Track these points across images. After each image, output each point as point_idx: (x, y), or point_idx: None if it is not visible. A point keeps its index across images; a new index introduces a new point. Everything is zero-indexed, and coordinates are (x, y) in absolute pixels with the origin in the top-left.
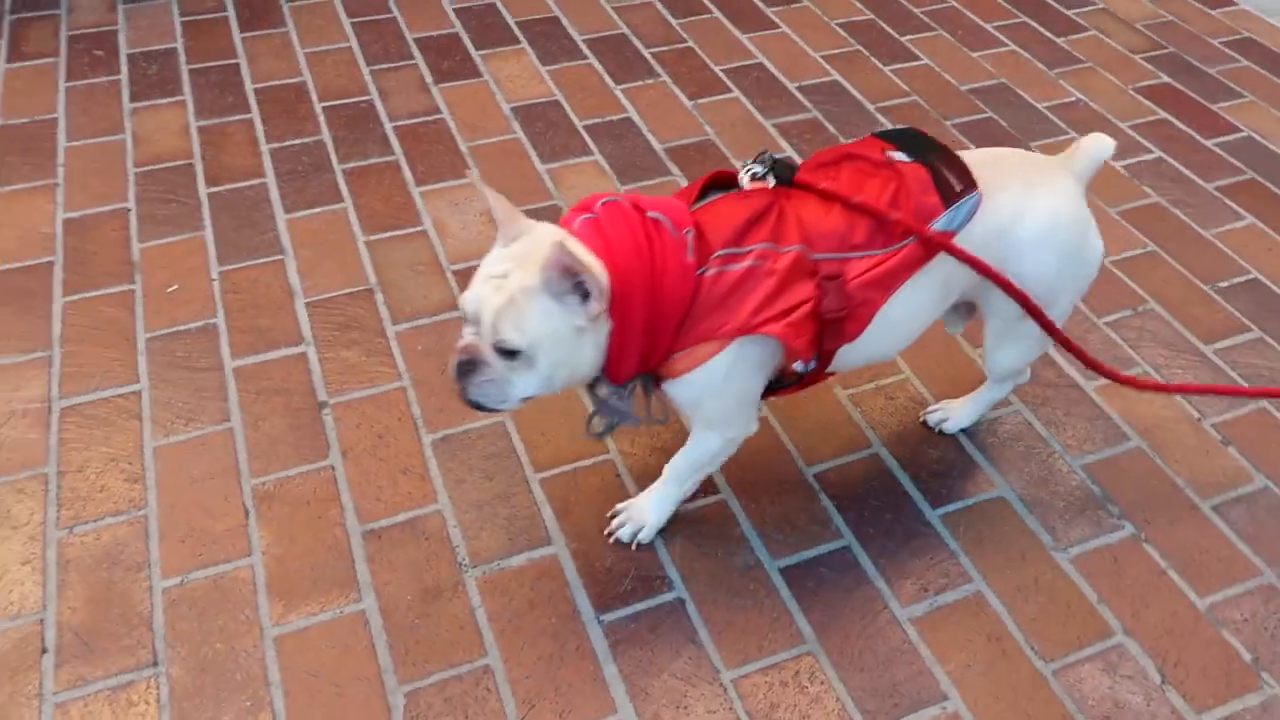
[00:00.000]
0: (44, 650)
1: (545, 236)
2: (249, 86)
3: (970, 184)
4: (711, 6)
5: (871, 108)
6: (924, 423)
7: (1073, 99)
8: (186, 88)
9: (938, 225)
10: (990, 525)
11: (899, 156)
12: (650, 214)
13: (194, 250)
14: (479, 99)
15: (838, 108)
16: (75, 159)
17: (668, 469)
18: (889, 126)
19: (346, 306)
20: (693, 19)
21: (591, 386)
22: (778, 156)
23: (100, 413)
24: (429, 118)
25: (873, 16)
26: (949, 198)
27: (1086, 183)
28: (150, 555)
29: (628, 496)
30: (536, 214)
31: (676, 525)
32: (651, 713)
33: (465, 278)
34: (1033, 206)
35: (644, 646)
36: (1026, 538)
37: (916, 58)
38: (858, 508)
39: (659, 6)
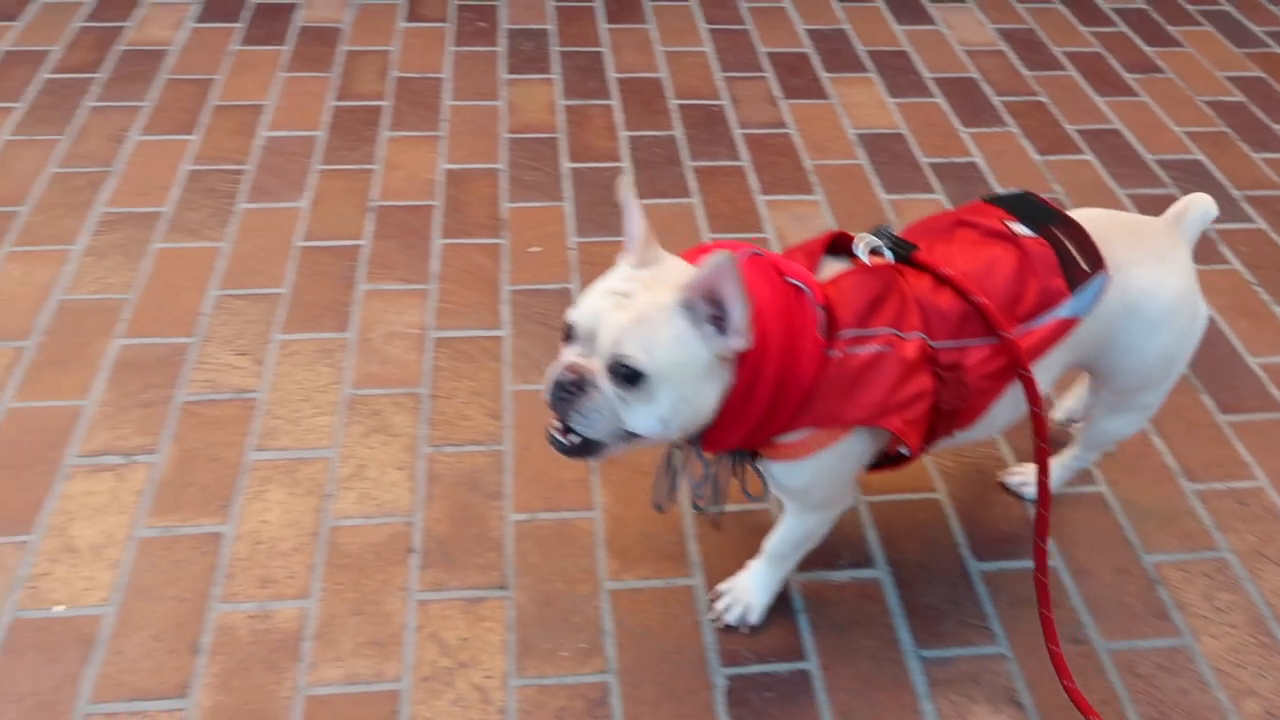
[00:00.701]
0: (410, 550)
1: (680, 267)
2: (611, 75)
3: (1098, 262)
4: (1066, 63)
5: (1236, 194)
6: (1003, 484)
7: None
8: (556, 67)
9: (1063, 311)
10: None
11: (1019, 229)
12: (790, 279)
13: (554, 218)
14: (825, 120)
15: (1199, 189)
16: (457, 117)
17: (767, 550)
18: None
19: None
20: (1046, 73)
21: (668, 457)
22: (894, 232)
23: (467, 349)
24: (776, 130)
25: (1244, 98)
26: (1075, 279)
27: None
28: (504, 488)
29: (953, 539)
30: None
31: (1005, 578)
32: None
33: None
34: (1164, 283)
35: (963, 693)
36: None
37: None
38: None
39: (1011, 56)
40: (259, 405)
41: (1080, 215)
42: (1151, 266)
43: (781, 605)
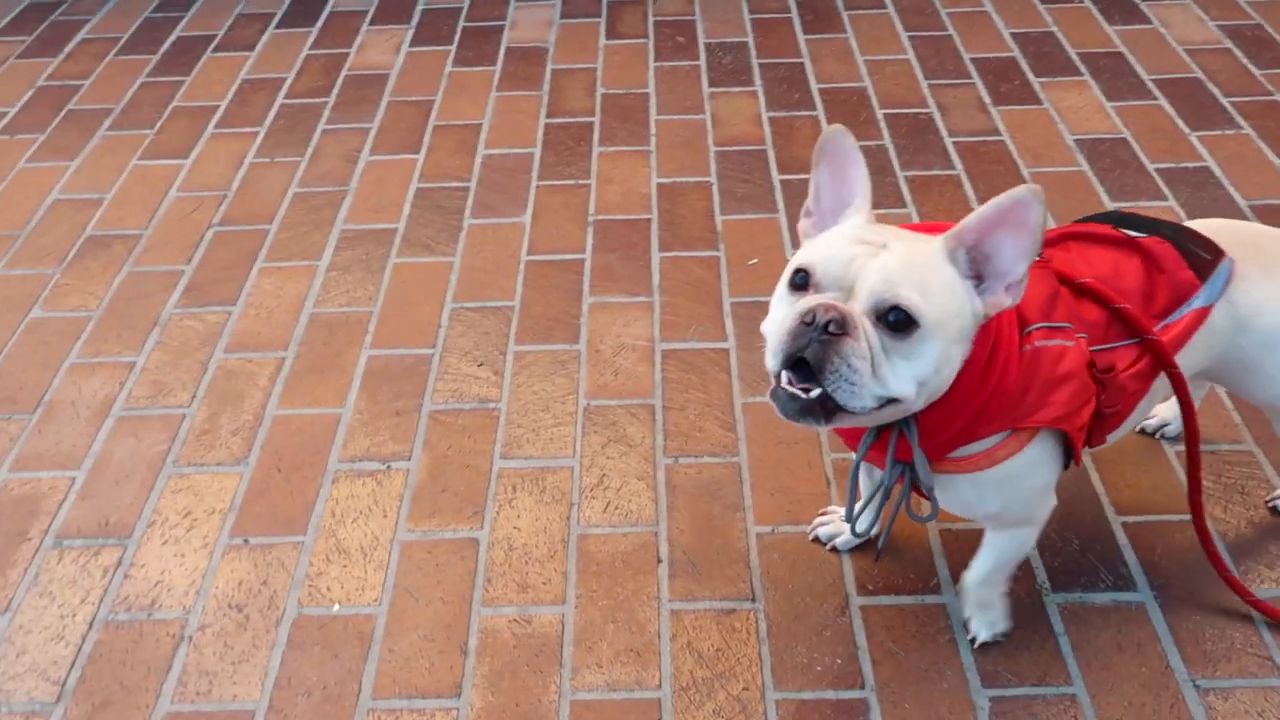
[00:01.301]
0: (659, 560)
1: (907, 231)
2: (813, 85)
3: (1217, 250)
4: None
5: None
6: (1272, 508)
7: None
8: (757, 79)
9: (1197, 301)
10: None
11: (1133, 234)
12: None
13: (769, 230)
14: (1040, 126)
15: None
16: (664, 131)
17: (972, 581)
18: None
19: None
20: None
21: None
22: None
23: (695, 361)
24: (989, 138)
25: None
26: (1202, 270)
27: None
28: (744, 500)
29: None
30: None
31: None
32: None
33: None
34: (1272, 298)
35: None
36: None
37: None
38: None
39: (1238, 54)
40: (501, 414)
41: (1202, 225)
42: (1259, 282)
43: (1040, 625)
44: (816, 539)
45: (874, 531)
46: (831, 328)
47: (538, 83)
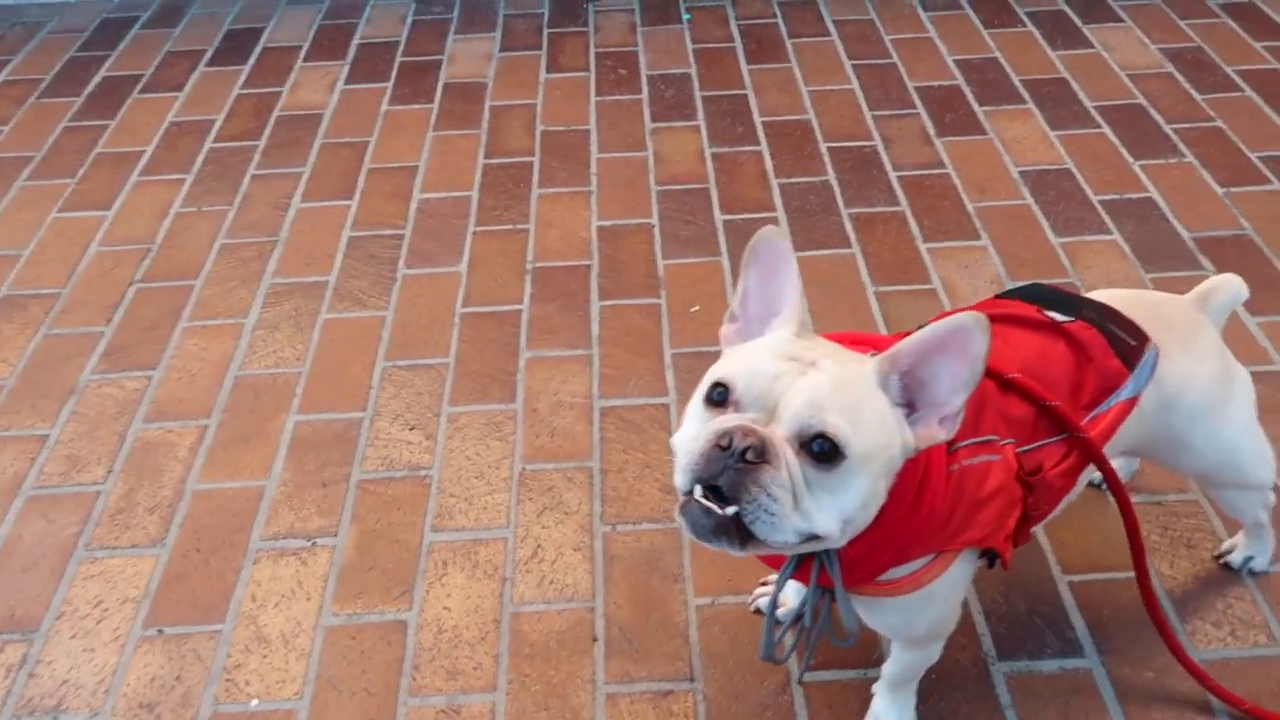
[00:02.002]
0: (594, 638)
1: (837, 348)
2: (757, 119)
3: (1141, 335)
4: (1243, 84)
5: None
6: (1223, 561)
7: None
8: (700, 113)
9: (1125, 392)
10: None
11: (1057, 317)
12: None
13: (712, 274)
14: (985, 157)
15: None
16: (606, 170)
17: (886, 678)
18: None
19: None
20: (1221, 95)
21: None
22: None
23: (634, 418)
24: (933, 171)
25: None
26: (1128, 356)
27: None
28: (684, 569)
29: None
30: (1051, 287)
31: (1232, 667)
32: None
33: None
34: (1196, 373)
35: None
36: None
37: None
38: None
39: (1179, 78)
40: (433, 482)
41: (1103, 296)
42: (1179, 358)
43: (987, 698)
44: (758, 610)
45: (789, 653)
46: (749, 455)
47: (476, 120)
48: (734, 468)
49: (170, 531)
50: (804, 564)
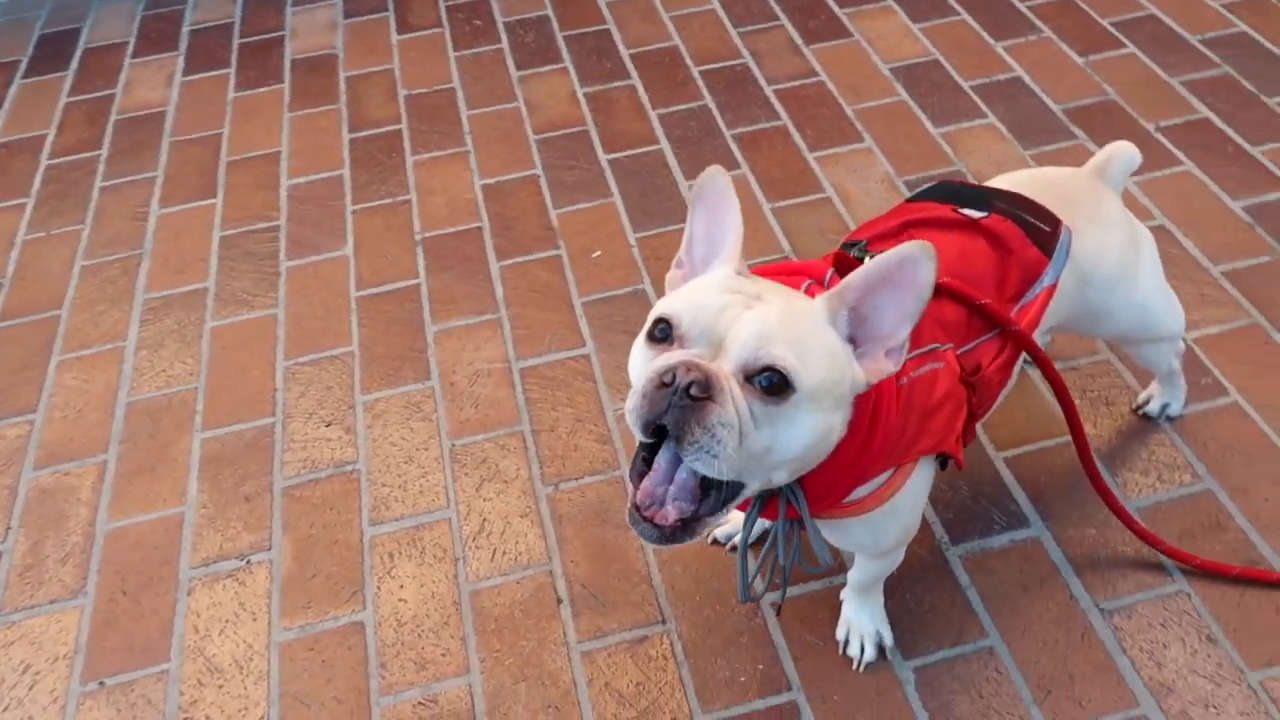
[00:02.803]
0: (559, 600)
1: (779, 286)
2: (623, 52)
3: (1053, 219)
4: None
5: None
6: (1142, 412)
7: None
8: (565, 54)
9: (1047, 279)
10: None
11: (970, 213)
12: None
13: (607, 217)
14: (854, 59)
15: (1253, 62)
16: (479, 126)
17: (853, 584)
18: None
19: None
20: None
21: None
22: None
23: (557, 374)
24: (807, 80)
25: None
26: (1045, 244)
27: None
28: None
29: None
30: (941, 178)
31: (1163, 511)
32: (1178, 709)
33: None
34: (1106, 244)
35: (1154, 640)
36: None
37: None
38: None
39: None
40: (362, 475)
41: (1004, 181)
42: (1089, 233)
43: (946, 581)
44: (715, 541)
45: (764, 591)
46: (694, 390)
47: (333, 95)
48: (678, 405)
49: (89, 578)
50: (770, 501)
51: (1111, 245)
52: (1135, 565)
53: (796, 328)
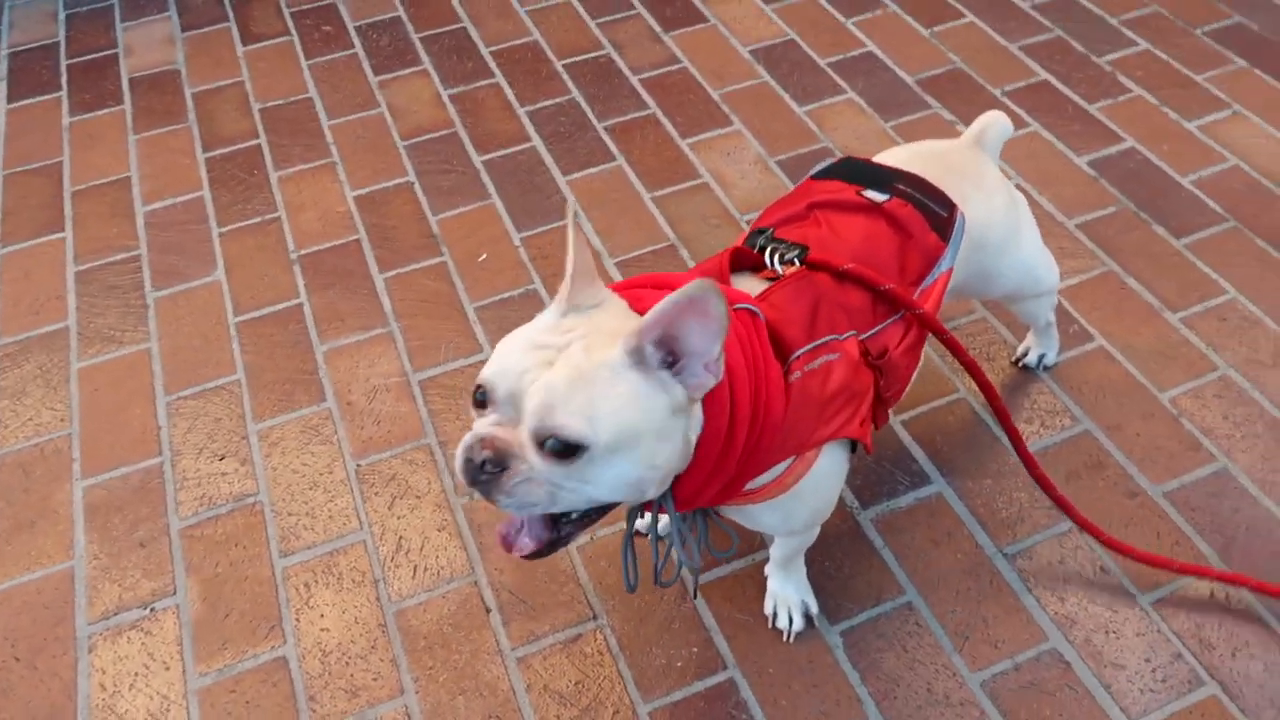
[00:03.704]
0: (488, 609)
1: (622, 309)
2: (483, 50)
3: (950, 204)
4: None
5: (1114, 21)
6: (1020, 364)
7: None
8: (423, 56)
9: (945, 263)
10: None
11: (873, 195)
12: (741, 305)
13: (489, 219)
14: (714, 45)
15: (1080, 25)
16: (342, 136)
17: (775, 559)
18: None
19: (655, 264)
20: None
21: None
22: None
23: (457, 382)
24: (671, 68)
25: None
26: (943, 229)
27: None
28: None
29: (987, 430)
30: (809, 159)
31: (1047, 457)
32: (1083, 638)
33: None
34: (993, 208)
35: (1055, 577)
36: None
37: None
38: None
39: None
40: (265, 507)
41: (891, 157)
42: (977, 201)
43: (862, 544)
44: (636, 532)
45: (676, 577)
46: (488, 467)
47: (180, 114)
48: (481, 480)
49: None
50: (647, 504)
51: (998, 209)
52: (1030, 509)
53: (586, 387)
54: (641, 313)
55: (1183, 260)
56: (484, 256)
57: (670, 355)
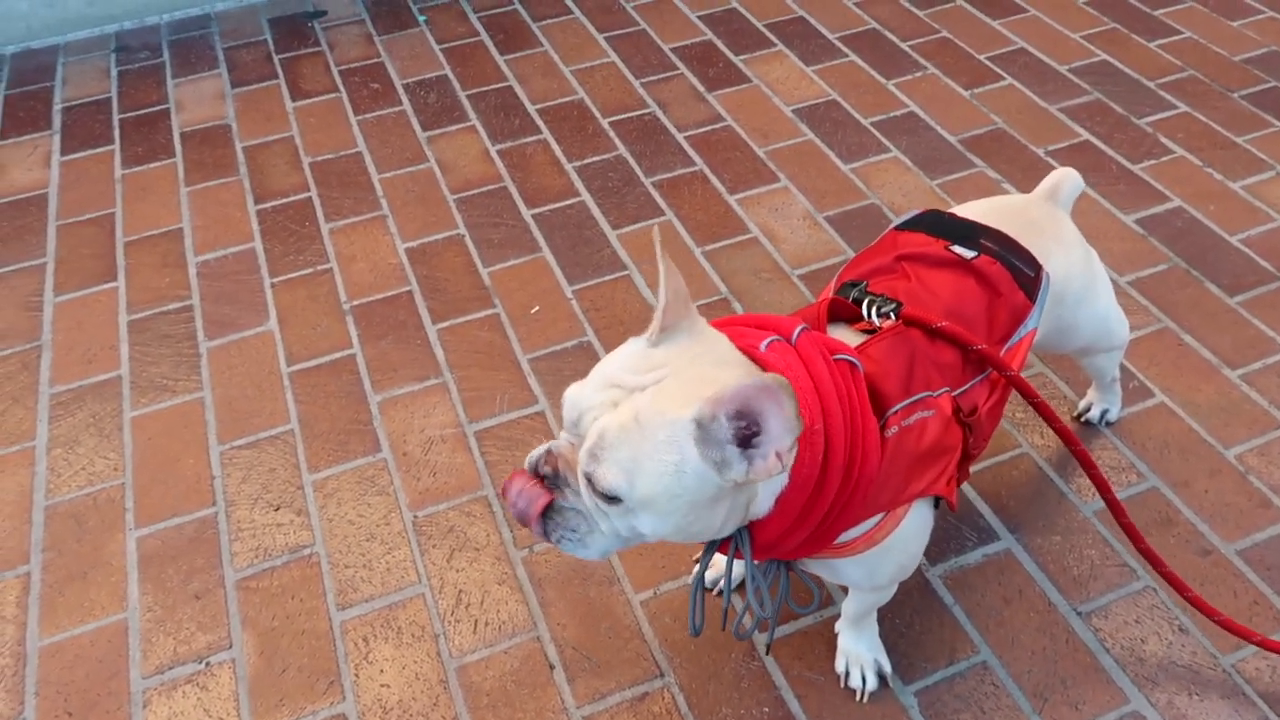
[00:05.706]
0: (551, 666)
1: (718, 347)
2: (529, 107)
3: (1036, 264)
4: None
5: (1150, 84)
6: (1081, 420)
7: None
8: (470, 113)
9: (1031, 323)
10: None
11: (961, 251)
12: (842, 356)
13: (540, 271)
14: (758, 104)
15: (1117, 87)
16: (392, 189)
17: (848, 616)
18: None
19: (709, 318)
20: (938, 9)
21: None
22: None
23: (514, 434)
24: (715, 125)
25: None
26: (1029, 288)
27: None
28: (616, 570)
29: (1053, 485)
30: (856, 215)
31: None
32: (1165, 700)
33: (813, 283)
34: (1072, 262)
35: (1131, 637)
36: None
37: (1178, 31)
38: None
39: (902, 1)
40: (322, 559)
41: (970, 210)
42: (1058, 256)
43: (933, 603)
44: (705, 588)
45: (752, 629)
46: (546, 479)
47: (231, 167)
48: (522, 491)
49: (26, 702)
50: (724, 542)
51: (1076, 264)
52: (1102, 566)
53: (638, 442)
54: (743, 349)
55: (1238, 317)
56: (537, 309)
57: (748, 428)
